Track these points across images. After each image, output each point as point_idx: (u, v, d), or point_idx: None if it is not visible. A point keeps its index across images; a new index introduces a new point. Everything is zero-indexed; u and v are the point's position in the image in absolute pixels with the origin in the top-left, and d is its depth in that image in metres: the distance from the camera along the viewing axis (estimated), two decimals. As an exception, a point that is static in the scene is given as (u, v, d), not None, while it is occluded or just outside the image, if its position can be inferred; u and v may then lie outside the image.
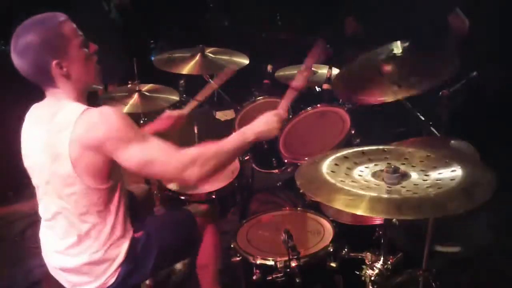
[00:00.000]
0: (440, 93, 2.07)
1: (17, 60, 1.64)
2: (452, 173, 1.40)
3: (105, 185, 1.69)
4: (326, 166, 1.51)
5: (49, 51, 1.61)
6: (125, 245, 1.81)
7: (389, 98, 2.02)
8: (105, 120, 1.59)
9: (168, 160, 1.66)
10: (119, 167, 1.69)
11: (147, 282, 2.29)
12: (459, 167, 1.41)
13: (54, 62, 1.62)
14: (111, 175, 1.69)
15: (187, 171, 1.65)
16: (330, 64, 2.88)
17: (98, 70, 1.77)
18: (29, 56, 1.61)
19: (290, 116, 2.57)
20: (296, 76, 2.07)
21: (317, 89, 2.94)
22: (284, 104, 1.99)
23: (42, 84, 1.69)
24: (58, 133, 1.61)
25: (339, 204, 1.31)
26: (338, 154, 1.58)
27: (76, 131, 1.59)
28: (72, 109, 1.64)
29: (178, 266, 2.60)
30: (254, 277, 1.91)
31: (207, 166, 1.68)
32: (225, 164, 1.78)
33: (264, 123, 1.86)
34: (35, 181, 1.79)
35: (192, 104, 2.31)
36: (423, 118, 2.17)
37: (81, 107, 1.64)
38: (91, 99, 1.81)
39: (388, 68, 2.09)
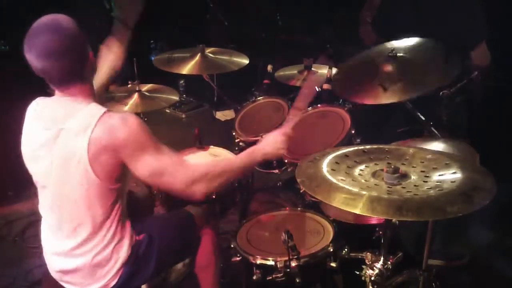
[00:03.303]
0: (441, 93, 2.07)
1: (49, 64, 1.62)
2: (453, 175, 1.40)
3: (113, 185, 1.71)
4: (326, 164, 1.51)
5: (85, 46, 1.68)
6: (126, 247, 1.81)
7: (371, 101, 2.03)
8: (126, 127, 1.64)
9: (178, 173, 1.72)
10: (129, 171, 1.73)
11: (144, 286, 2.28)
12: (460, 169, 1.41)
13: (91, 53, 1.70)
14: (121, 178, 1.72)
15: (194, 186, 1.73)
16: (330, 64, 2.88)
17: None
18: (67, 57, 1.63)
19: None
20: (300, 96, 2.09)
21: (317, 89, 2.93)
22: (290, 123, 2.03)
23: (66, 82, 1.68)
24: (76, 134, 1.63)
25: (339, 202, 1.31)
26: (339, 152, 1.58)
27: (96, 133, 1.62)
28: (91, 110, 1.66)
29: (177, 266, 2.60)
30: (254, 277, 1.91)
31: (214, 182, 1.78)
32: (230, 181, 1.90)
33: (272, 143, 1.94)
34: (38, 180, 1.79)
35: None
36: (423, 118, 2.17)
37: (101, 109, 1.67)
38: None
39: (388, 68, 2.09)
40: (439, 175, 1.42)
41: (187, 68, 2.61)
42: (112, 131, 1.63)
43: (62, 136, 1.65)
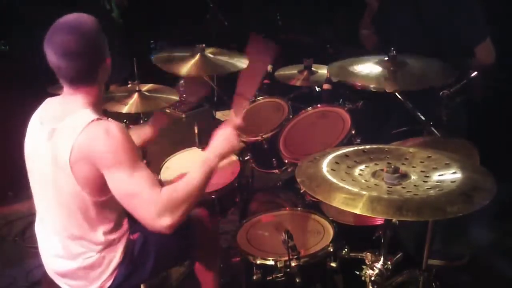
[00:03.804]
0: (441, 93, 2.06)
1: (62, 62, 1.62)
2: (453, 175, 1.40)
3: (99, 197, 1.69)
4: (326, 164, 1.51)
5: (102, 51, 1.67)
6: (120, 248, 1.81)
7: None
8: (107, 138, 1.61)
9: (149, 202, 1.61)
10: None
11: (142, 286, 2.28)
12: (460, 169, 1.41)
13: (108, 60, 1.68)
14: (107, 189, 1.67)
15: (160, 219, 1.61)
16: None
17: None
18: (82, 58, 1.63)
19: (291, 116, 2.57)
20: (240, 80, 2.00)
21: (317, 89, 2.93)
22: (236, 113, 1.94)
23: (75, 82, 1.68)
24: (64, 136, 1.63)
25: (339, 202, 1.31)
26: (339, 152, 1.58)
27: (78, 140, 1.60)
28: (83, 115, 1.65)
29: (178, 266, 2.60)
30: (254, 277, 1.91)
31: (180, 210, 1.64)
32: (197, 201, 1.74)
33: (224, 141, 1.84)
34: (32, 176, 1.79)
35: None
36: (423, 118, 2.17)
37: (91, 116, 1.65)
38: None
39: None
40: (439, 175, 1.42)
41: (186, 69, 2.61)
42: (93, 140, 1.61)
43: (54, 136, 1.65)
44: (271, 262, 1.89)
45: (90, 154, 1.61)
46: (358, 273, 1.65)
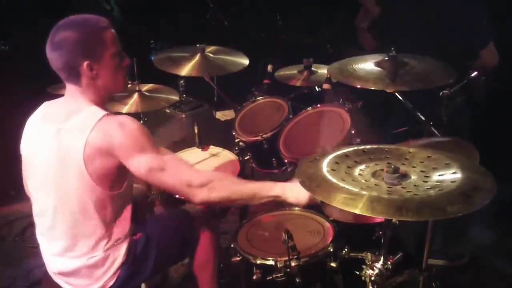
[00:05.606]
0: (441, 93, 2.07)
1: (50, 52, 1.66)
2: (453, 175, 1.40)
3: (109, 191, 1.70)
4: (326, 164, 1.51)
5: (84, 51, 1.65)
6: (123, 247, 1.81)
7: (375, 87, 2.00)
8: (123, 129, 1.64)
9: (180, 170, 1.71)
10: (128, 174, 1.73)
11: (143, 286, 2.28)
12: (460, 169, 1.41)
13: (85, 63, 1.65)
14: (117, 184, 1.71)
15: (194, 188, 1.70)
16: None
17: (125, 83, 1.82)
18: (63, 50, 1.64)
19: (290, 116, 2.57)
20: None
21: (317, 89, 2.93)
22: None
23: (67, 80, 1.71)
24: (74, 134, 1.64)
25: (339, 202, 1.31)
26: (339, 152, 1.58)
27: (93, 135, 1.62)
28: (91, 112, 1.67)
29: (177, 266, 2.61)
30: (254, 277, 1.91)
31: (217, 193, 1.72)
32: (235, 201, 1.81)
33: (297, 193, 1.83)
34: (33, 177, 1.78)
35: None
36: (423, 118, 2.17)
37: (100, 112, 1.67)
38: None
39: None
40: (439, 175, 1.42)
41: (186, 70, 2.61)
42: (108, 135, 1.63)
43: (61, 135, 1.66)
44: (271, 262, 1.89)
45: (108, 148, 1.63)
46: (358, 273, 1.65)
